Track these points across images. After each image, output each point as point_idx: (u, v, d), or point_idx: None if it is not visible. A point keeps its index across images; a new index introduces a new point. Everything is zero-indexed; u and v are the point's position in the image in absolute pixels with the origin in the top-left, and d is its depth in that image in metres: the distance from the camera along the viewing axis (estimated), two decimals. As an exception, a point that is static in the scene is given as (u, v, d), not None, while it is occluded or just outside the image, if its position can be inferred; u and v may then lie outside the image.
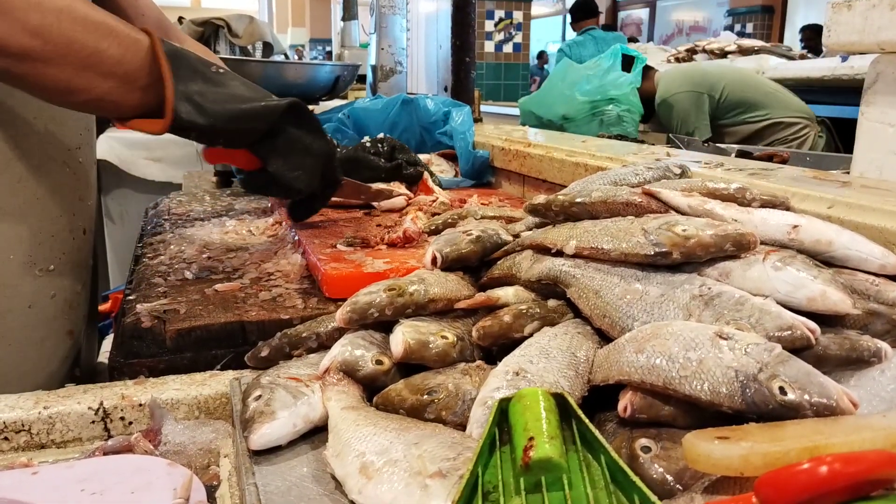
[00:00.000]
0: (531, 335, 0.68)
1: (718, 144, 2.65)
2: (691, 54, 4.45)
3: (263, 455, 0.60)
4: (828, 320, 0.61)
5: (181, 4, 13.34)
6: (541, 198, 0.84)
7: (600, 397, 0.60)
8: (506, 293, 0.76)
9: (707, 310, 0.61)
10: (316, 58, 9.34)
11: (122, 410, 0.70)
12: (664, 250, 0.66)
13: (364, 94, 3.00)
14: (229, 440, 0.67)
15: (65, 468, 0.61)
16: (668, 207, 0.78)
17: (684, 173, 0.97)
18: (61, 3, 0.73)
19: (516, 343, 0.67)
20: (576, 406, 0.51)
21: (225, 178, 1.82)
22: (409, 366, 0.67)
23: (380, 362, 0.67)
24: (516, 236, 0.88)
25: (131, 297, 0.92)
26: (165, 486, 0.56)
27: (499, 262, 0.83)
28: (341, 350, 0.68)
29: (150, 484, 0.57)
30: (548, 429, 0.47)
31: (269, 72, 2.19)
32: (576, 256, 0.73)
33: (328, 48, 9.73)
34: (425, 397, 0.61)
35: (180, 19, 3.80)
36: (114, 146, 2.31)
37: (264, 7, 12.36)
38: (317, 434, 0.62)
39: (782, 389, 0.50)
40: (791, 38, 7.50)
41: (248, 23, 3.79)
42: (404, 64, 2.44)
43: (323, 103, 2.40)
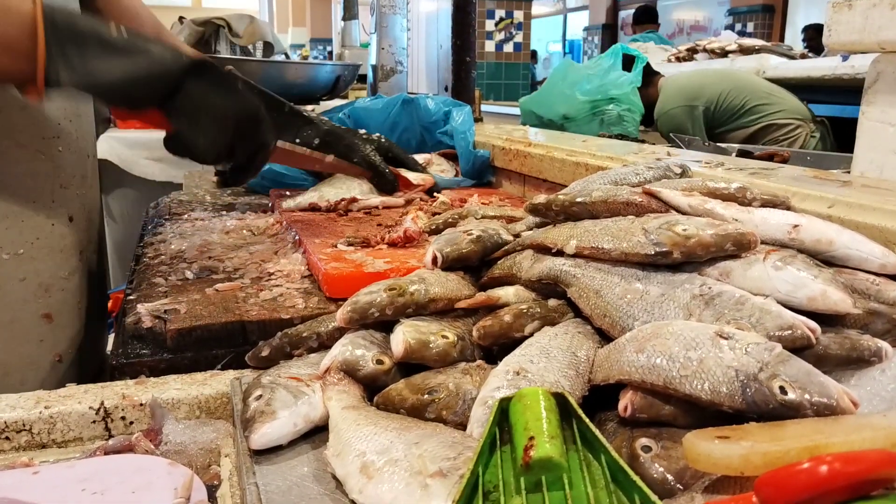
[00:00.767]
0: (532, 335, 0.68)
1: (719, 144, 2.65)
2: (692, 53, 4.45)
3: (264, 455, 0.60)
4: (828, 320, 0.61)
5: (182, 4, 13.34)
6: (541, 197, 0.84)
7: (601, 397, 0.60)
8: (506, 293, 0.76)
9: (707, 309, 0.61)
10: (316, 57, 9.34)
11: (122, 410, 0.70)
12: (665, 250, 0.66)
13: (364, 94, 3.00)
14: (230, 440, 0.67)
15: (66, 468, 0.61)
16: (668, 207, 0.78)
17: (685, 173, 0.97)
18: None
19: (517, 343, 0.67)
20: (576, 405, 0.51)
21: (226, 178, 1.81)
22: (410, 365, 0.67)
23: (380, 362, 0.67)
24: (517, 236, 0.88)
25: (132, 297, 0.92)
26: (166, 485, 0.57)
27: (499, 262, 0.83)
28: (342, 350, 0.68)
29: (151, 483, 0.57)
30: (548, 428, 0.47)
31: (269, 71, 2.19)
32: (576, 256, 0.73)
33: (329, 48, 9.72)
34: (426, 397, 0.61)
35: (181, 19, 3.80)
36: (114, 146, 2.31)
37: (265, 7, 12.36)
38: (317, 434, 0.62)
39: (783, 389, 0.50)
40: (792, 37, 7.49)
41: (248, 22, 3.80)
42: (405, 63, 2.44)
43: (323, 103, 2.41)
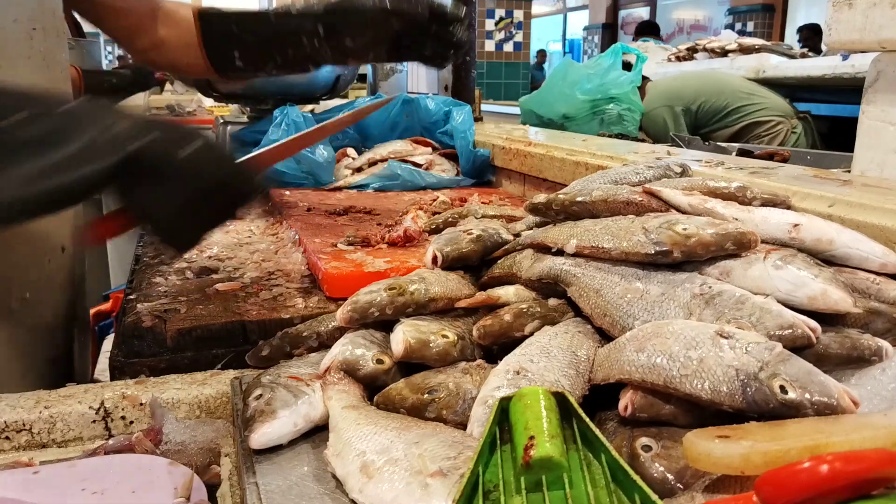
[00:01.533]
0: (532, 334, 0.68)
1: (719, 143, 2.65)
2: (692, 53, 4.45)
3: (264, 454, 0.60)
4: (828, 319, 0.61)
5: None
6: (541, 197, 0.84)
7: (601, 396, 0.60)
8: (506, 292, 0.76)
9: (708, 309, 0.61)
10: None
11: (122, 410, 0.70)
12: (665, 249, 0.66)
13: (364, 94, 3.00)
14: (230, 439, 0.67)
15: (66, 467, 0.61)
16: (668, 206, 0.78)
17: (685, 172, 0.97)
18: None
19: (517, 342, 0.67)
20: (576, 405, 0.51)
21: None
22: (410, 365, 0.67)
23: (380, 361, 0.67)
24: (517, 235, 0.88)
25: (132, 297, 0.92)
26: (166, 485, 0.56)
27: (499, 261, 0.83)
28: (342, 349, 0.68)
29: (151, 483, 0.57)
30: (548, 428, 0.47)
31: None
32: (576, 255, 0.72)
33: (328, 47, 9.70)
34: (426, 396, 0.61)
35: (181, 18, 3.79)
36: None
37: (265, 6, 12.37)
38: (317, 433, 0.62)
39: (783, 388, 0.50)
40: (792, 36, 7.48)
41: (248, 22, 3.78)
42: (404, 63, 2.44)
43: (323, 102, 2.40)
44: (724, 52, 4.16)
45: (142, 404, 0.71)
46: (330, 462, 0.56)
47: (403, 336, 0.66)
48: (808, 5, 8.53)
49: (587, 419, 0.50)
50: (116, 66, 4.25)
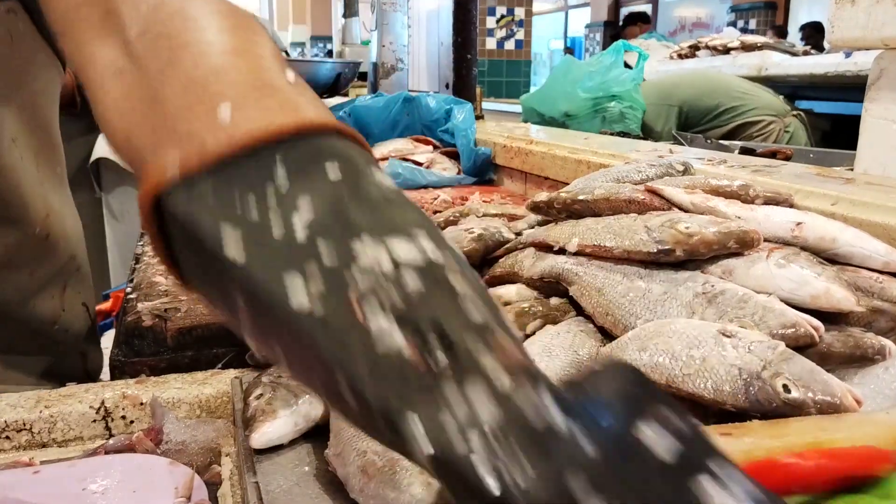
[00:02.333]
0: (533, 333, 0.68)
1: (721, 141, 2.64)
2: (694, 51, 4.44)
3: (265, 454, 0.59)
4: (831, 318, 0.61)
5: (183, 2, 13.30)
6: (543, 195, 0.84)
7: (603, 395, 0.60)
8: (508, 291, 0.76)
9: (710, 307, 0.61)
10: (317, 55, 9.34)
11: (123, 409, 0.70)
12: (667, 248, 0.66)
13: (365, 92, 3.00)
14: (231, 439, 0.67)
15: (66, 467, 0.60)
16: (671, 205, 0.78)
17: (687, 170, 0.96)
18: None
19: (518, 341, 0.67)
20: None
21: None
22: (411, 364, 0.67)
23: (381, 361, 0.66)
24: (518, 234, 0.88)
25: (132, 296, 0.92)
26: (167, 484, 0.56)
27: (501, 261, 0.83)
28: (343, 348, 0.67)
29: (152, 483, 0.57)
30: None
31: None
32: (578, 254, 0.72)
33: (329, 46, 9.72)
34: (427, 396, 0.61)
35: (182, 17, 3.79)
36: (115, 144, 2.31)
37: (265, 5, 12.35)
38: (318, 433, 0.62)
39: (786, 387, 0.50)
40: (794, 34, 7.47)
41: (249, 20, 3.78)
42: (405, 61, 2.43)
43: (324, 100, 2.41)
44: (727, 50, 4.15)
45: (142, 404, 0.71)
46: (331, 462, 0.56)
47: (404, 335, 0.66)
48: (811, 3, 8.52)
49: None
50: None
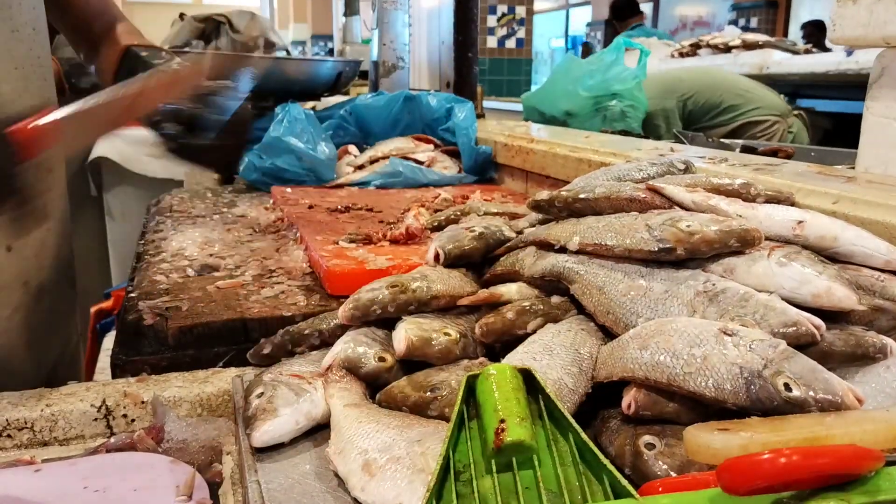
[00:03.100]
0: (534, 332, 0.68)
1: (723, 140, 2.64)
2: (695, 49, 4.43)
3: (266, 452, 0.59)
4: (833, 316, 0.60)
5: (183, 1, 13.33)
6: (544, 194, 0.84)
7: (604, 394, 0.60)
8: (509, 290, 0.76)
9: (711, 306, 0.61)
10: (318, 54, 9.33)
11: (124, 408, 0.70)
12: (668, 246, 0.66)
13: (366, 90, 2.99)
14: (232, 437, 0.67)
15: (68, 465, 0.61)
16: (672, 203, 0.77)
17: (688, 169, 0.96)
18: None
19: (519, 340, 0.67)
20: (543, 381, 0.52)
21: (227, 176, 1.81)
22: (412, 363, 0.67)
23: (382, 359, 0.66)
24: (519, 233, 0.87)
25: (133, 295, 0.92)
26: (168, 483, 0.56)
27: (502, 259, 0.83)
28: (344, 347, 0.67)
29: (153, 481, 0.57)
30: (518, 410, 0.48)
31: (270, 68, 2.18)
32: (579, 253, 0.72)
33: (330, 44, 9.71)
34: (428, 394, 0.61)
35: (181, 16, 3.79)
36: (115, 143, 2.31)
37: (266, 3, 12.35)
38: (319, 431, 0.62)
39: (787, 386, 0.49)
40: (795, 32, 7.46)
41: (249, 19, 3.78)
42: (406, 60, 2.43)
43: (325, 99, 2.40)
44: (728, 49, 4.15)
45: (143, 402, 0.71)
46: (332, 460, 0.56)
47: (405, 334, 0.66)
48: (812, 1, 8.50)
49: (554, 398, 0.51)
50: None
